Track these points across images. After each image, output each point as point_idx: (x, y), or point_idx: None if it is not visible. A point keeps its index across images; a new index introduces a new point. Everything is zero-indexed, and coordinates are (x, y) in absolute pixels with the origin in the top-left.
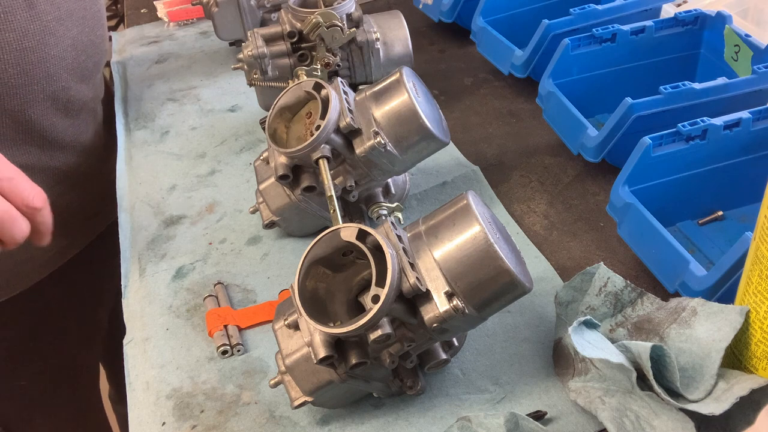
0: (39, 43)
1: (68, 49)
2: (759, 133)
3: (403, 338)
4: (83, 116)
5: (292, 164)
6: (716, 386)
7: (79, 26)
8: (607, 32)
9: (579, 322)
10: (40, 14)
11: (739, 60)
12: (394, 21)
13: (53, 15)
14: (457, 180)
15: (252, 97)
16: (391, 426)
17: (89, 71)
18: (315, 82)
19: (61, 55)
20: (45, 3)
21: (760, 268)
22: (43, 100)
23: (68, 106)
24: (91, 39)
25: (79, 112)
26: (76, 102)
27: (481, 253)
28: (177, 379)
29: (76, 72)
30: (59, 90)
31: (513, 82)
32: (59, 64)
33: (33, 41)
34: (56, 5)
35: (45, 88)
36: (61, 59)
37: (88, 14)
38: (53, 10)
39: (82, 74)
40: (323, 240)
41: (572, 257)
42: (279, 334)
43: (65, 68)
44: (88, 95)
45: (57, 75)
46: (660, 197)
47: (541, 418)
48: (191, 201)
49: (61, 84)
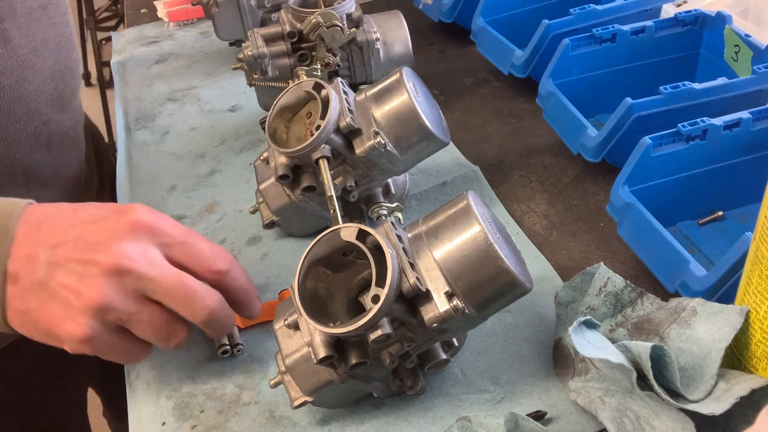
0: (18, 80)
1: (47, 80)
2: (759, 133)
3: (403, 338)
4: (65, 147)
5: (292, 164)
6: (716, 386)
7: (55, 55)
8: (607, 32)
9: (579, 322)
10: (16, 49)
11: (739, 60)
12: (394, 21)
13: (29, 47)
14: (457, 180)
15: (252, 97)
16: (391, 426)
17: (67, 99)
18: (315, 82)
19: (41, 88)
20: (20, 36)
21: (760, 268)
22: (26, 138)
23: (50, 140)
24: (67, 65)
25: (61, 144)
26: (57, 134)
27: (481, 253)
28: (177, 379)
29: (56, 103)
30: (41, 125)
31: (513, 82)
32: (39, 98)
33: (11, 79)
34: (31, 36)
35: (27, 125)
36: (40, 93)
37: (62, 40)
38: (29, 42)
39: (62, 104)
40: (323, 240)
41: (572, 257)
42: (279, 334)
43: (45, 101)
44: (68, 124)
45: (38, 110)
46: (660, 197)
47: (541, 418)
48: (191, 201)
49: (42, 118)
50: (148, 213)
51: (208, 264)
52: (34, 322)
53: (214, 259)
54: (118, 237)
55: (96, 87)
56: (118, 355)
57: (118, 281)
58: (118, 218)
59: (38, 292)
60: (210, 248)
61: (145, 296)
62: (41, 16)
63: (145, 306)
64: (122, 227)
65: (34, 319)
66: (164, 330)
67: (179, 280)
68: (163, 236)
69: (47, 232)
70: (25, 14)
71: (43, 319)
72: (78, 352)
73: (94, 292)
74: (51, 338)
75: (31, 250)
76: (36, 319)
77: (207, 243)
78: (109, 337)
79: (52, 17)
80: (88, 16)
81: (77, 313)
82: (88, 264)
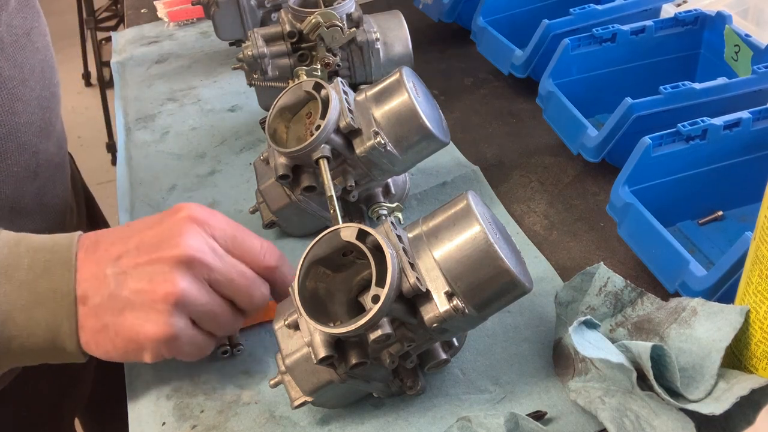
0: (8, 114)
1: (35, 110)
2: (759, 133)
3: (403, 338)
4: (50, 173)
5: (292, 164)
6: (716, 386)
7: (40, 82)
8: (607, 32)
9: (579, 322)
10: (5, 81)
11: (739, 60)
12: (394, 21)
13: (18, 79)
14: (457, 180)
15: (252, 97)
16: (391, 426)
17: (52, 125)
18: (315, 82)
19: (30, 119)
20: (9, 67)
21: (760, 268)
22: (17, 173)
23: (38, 170)
24: (52, 91)
25: (46, 171)
26: (44, 162)
27: (481, 253)
28: (177, 379)
29: (43, 132)
30: (29, 157)
31: (513, 82)
32: (28, 130)
33: (2, 115)
34: (19, 66)
35: (18, 160)
36: (29, 125)
37: (45, 66)
38: (17, 73)
39: (47, 131)
40: (323, 240)
41: (572, 257)
42: (279, 334)
43: (34, 132)
44: (53, 151)
45: (28, 142)
46: (660, 197)
47: (541, 418)
48: (191, 201)
49: (32, 150)
50: (199, 208)
51: (259, 259)
52: (113, 337)
53: (264, 254)
54: (179, 232)
55: (96, 87)
56: (194, 350)
57: (190, 272)
58: (172, 217)
59: (112, 304)
60: (260, 243)
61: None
62: (26, 43)
63: (214, 296)
64: (179, 223)
65: (113, 333)
66: (230, 320)
67: (241, 270)
68: (216, 230)
69: (107, 248)
70: (12, 43)
71: (122, 330)
72: (158, 357)
73: (169, 286)
74: (132, 350)
75: (96, 269)
76: (115, 332)
77: (257, 238)
78: (191, 332)
79: (35, 42)
80: (88, 16)
81: (156, 313)
82: (156, 262)
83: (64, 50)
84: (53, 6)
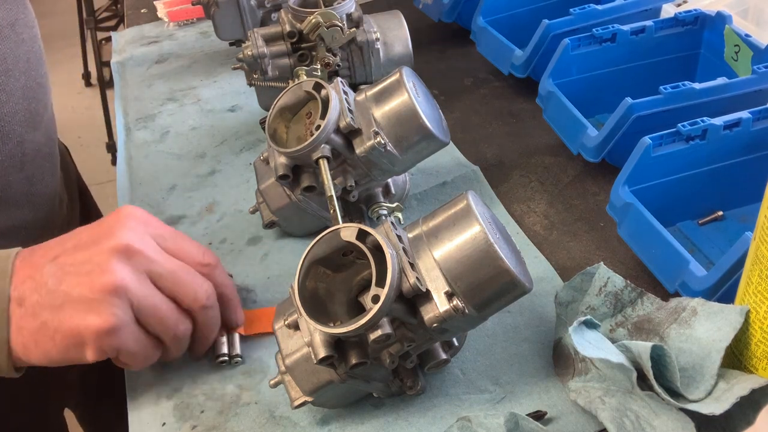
0: None
1: (19, 100)
2: (759, 133)
3: (403, 338)
4: (38, 164)
5: (292, 164)
6: (716, 386)
7: (25, 73)
8: (607, 32)
9: (579, 322)
10: None
11: (739, 60)
12: (394, 21)
13: (1, 69)
14: (457, 180)
15: (252, 97)
16: (391, 426)
17: (39, 115)
18: (315, 82)
19: (14, 109)
20: None
21: (760, 268)
22: (1, 162)
23: (24, 159)
24: (38, 82)
25: (34, 162)
26: (30, 152)
27: (481, 253)
28: (177, 379)
29: (29, 122)
30: (14, 147)
31: (513, 82)
32: (13, 119)
33: None
34: (2, 57)
35: (1, 149)
36: (13, 114)
37: (31, 56)
38: (0, 64)
39: (34, 121)
40: (323, 240)
41: (572, 257)
42: (279, 334)
43: (18, 122)
44: (41, 141)
45: (12, 132)
46: (660, 197)
47: (541, 418)
48: (191, 201)
49: (16, 139)
50: (137, 209)
51: (199, 258)
52: (52, 334)
53: (203, 253)
54: (117, 227)
55: (96, 87)
56: (139, 349)
57: (129, 261)
58: (111, 217)
59: (51, 300)
60: (197, 245)
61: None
62: (10, 34)
63: (156, 291)
64: (118, 221)
65: (52, 330)
66: (173, 320)
67: (181, 265)
68: (156, 227)
69: (44, 253)
70: None
71: (62, 326)
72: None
73: (108, 276)
74: (73, 345)
75: (32, 271)
76: (54, 328)
77: (194, 241)
78: (133, 327)
79: (21, 33)
80: (88, 16)
81: (97, 304)
82: (94, 255)
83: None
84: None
